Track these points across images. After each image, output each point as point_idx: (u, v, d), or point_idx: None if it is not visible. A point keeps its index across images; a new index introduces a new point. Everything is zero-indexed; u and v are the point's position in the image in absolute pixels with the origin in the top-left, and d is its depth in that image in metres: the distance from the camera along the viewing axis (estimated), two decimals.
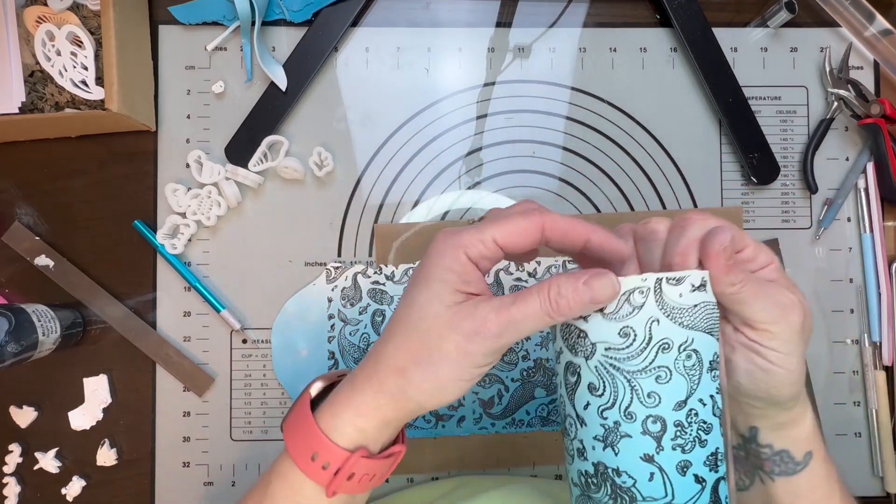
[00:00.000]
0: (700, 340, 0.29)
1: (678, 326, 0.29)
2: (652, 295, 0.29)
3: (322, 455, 0.31)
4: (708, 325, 0.29)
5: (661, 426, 0.29)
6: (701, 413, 0.29)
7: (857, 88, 0.53)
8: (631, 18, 0.54)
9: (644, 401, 0.29)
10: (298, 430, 0.32)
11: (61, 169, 0.53)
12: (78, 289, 0.52)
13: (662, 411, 0.29)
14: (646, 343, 0.29)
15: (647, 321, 0.29)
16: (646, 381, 0.29)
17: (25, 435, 0.52)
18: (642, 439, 0.29)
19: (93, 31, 0.49)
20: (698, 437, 0.29)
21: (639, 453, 0.29)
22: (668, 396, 0.29)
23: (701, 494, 0.29)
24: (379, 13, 0.54)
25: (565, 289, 0.28)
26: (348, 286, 0.52)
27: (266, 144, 0.51)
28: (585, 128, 0.54)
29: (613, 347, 0.29)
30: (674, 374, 0.29)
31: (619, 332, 0.29)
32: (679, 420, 0.29)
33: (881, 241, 0.53)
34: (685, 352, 0.29)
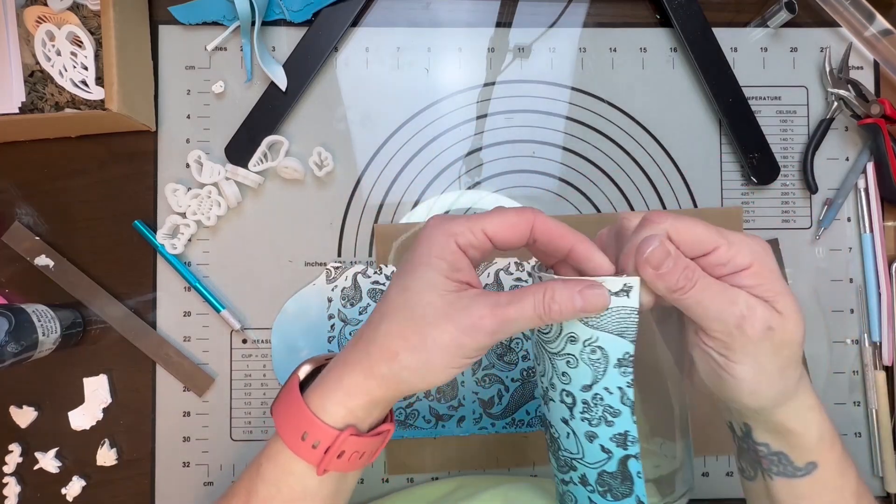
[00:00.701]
0: (606, 339, 0.31)
1: (583, 325, 0.32)
2: None
3: (312, 434, 0.32)
4: (619, 327, 0.31)
5: (572, 400, 0.33)
6: (607, 399, 0.32)
7: (857, 88, 0.53)
8: (631, 18, 0.54)
9: (559, 377, 0.33)
10: (288, 411, 0.33)
11: (61, 169, 0.53)
12: (78, 289, 0.52)
13: (572, 389, 0.33)
14: (557, 333, 0.33)
15: None
16: (560, 362, 0.33)
17: (25, 435, 0.52)
18: (560, 406, 0.34)
19: (93, 31, 0.49)
20: (604, 417, 0.32)
21: (559, 415, 0.34)
22: (576, 379, 0.33)
23: (608, 462, 0.33)
24: (379, 13, 0.54)
25: (560, 295, 0.30)
26: (348, 286, 0.52)
27: (266, 144, 0.51)
28: (585, 128, 0.54)
29: (540, 331, 0.34)
30: (580, 362, 0.32)
31: None
32: (586, 399, 0.33)
33: (881, 241, 0.53)
34: (589, 346, 0.32)
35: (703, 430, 0.52)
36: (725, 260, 0.30)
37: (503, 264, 0.52)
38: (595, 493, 0.34)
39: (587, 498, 0.35)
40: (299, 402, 0.32)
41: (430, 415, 0.52)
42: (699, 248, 0.30)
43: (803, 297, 0.54)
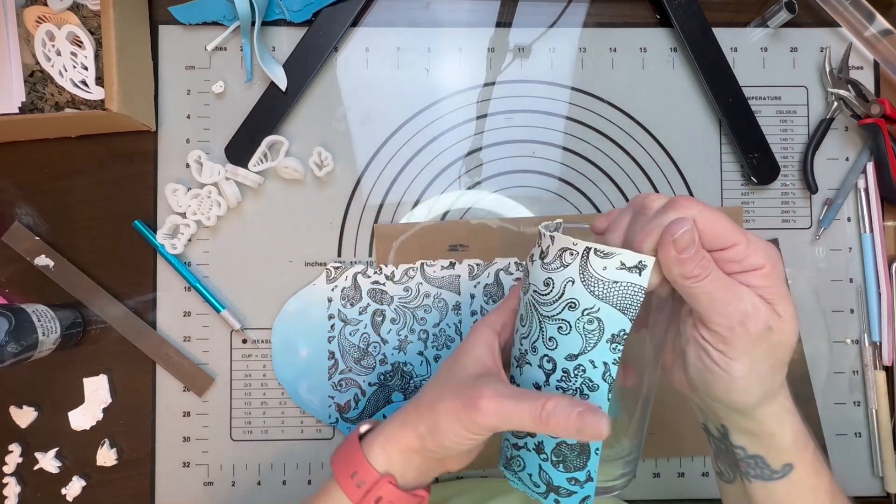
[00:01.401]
0: (607, 312, 0.31)
1: (588, 293, 0.31)
2: (578, 259, 0.32)
3: (360, 474, 0.35)
4: (623, 303, 0.31)
5: (552, 367, 0.33)
6: (589, 371, 0.32)
7: (857, 88, 0.53)
8: (631, 18, 0.54)
9: (545, 342, 0.33)
10: (345, 453, 0.37)
11: (61, 169, 0.53)
12: (78, 289, 0.52)
13: (556, 356, 0.33)
14: (558, 296, 0.32)
15: (565, 279, 0.32)
16: (551, 326, 0.33)
17: (25, 435, 0.52)
18: (537, 371, 0.34)
19: (93, 31, 0.49)
20: (581, 389, 0.33)
21: (532, 380, 0.34)
22: (563, 347, 0.33)
23: None
24: (379, 13, 0.54)
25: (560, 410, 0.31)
26: (348, 286, 0.52)
27: (266, 144, 0.51)
28: (585, 128, 0.54)
29: (538, 291, 0.33)
30: (573, 330, 0.32)
31: (544, 280, 0.33)
32: (567, 368, 0.33)
33: (881, 241, 0.53)
34: (587, 316, 0.32)
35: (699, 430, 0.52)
36: (741, 257, 0.30)
37: (503, 264, 0.52)
38: (547, 462, 0.34)
39: (538, 465, 0.35)
40: (355, 444, 0.37)
41: None
42: (719, 242, 0.31)
43: (803, 297, 0.54)
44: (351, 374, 0.52)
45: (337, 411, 0.52)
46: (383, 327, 0.52)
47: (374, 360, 0.52)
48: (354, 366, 0.52)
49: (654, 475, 0.53)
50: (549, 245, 0.33)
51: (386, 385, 0.52)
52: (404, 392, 0.52)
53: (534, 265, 0.34)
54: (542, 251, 0.34)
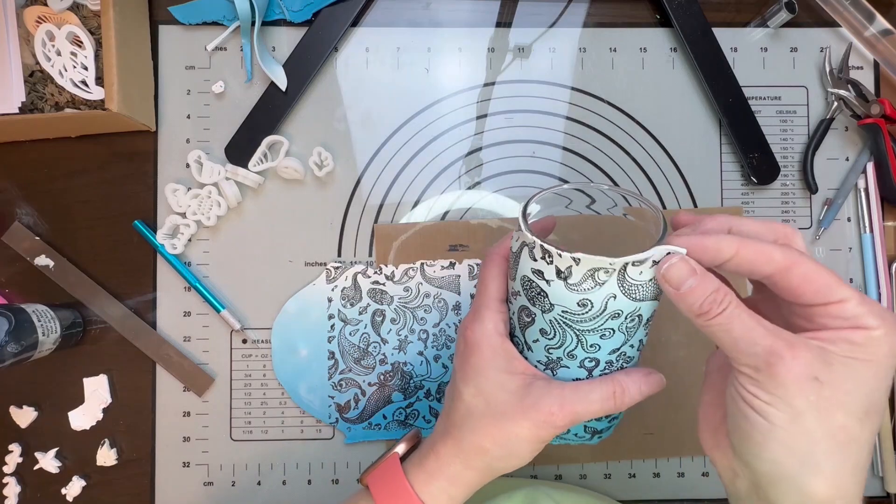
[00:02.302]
0: (646, 307, 0.33)
1: (631, 300, 0.32)
2: (616, 275, 0.31)
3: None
4: (657, 292, 0.32)
5: (594, 363, 0.34)
6: (628, 353, 0.35)
7: (857, 88, 0.53)
8: (631, 18, 0.54)
9: (587, 349, 0.34)
10: (392, 488, 0.36)
11: (61, 169, 0.53)
12: (78, 289, 0.52)
13: (599, 355, 0.34)
14: (600, 312, 0.32)
15: (606, 296, 0.31)
16: (592, 336, 0.33)
17: (25, 435, 0.52)
18: (577, 370, 0.35)
19: (93, 31, 0.49)
20: (621, 366, 0.35)
21: (571, 377, 0.35)
22: (607, 346, 0.34)
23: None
24: (379, 13, 0.54)
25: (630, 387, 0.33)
26: (348, 286, 0.52)
27: (266, 144, 0.51)
28: (585, 128, 0.54)
29: (570, 311, 0.32)
30: (616, 332, 0.33)
31: (578, 301, 0.32)
32: (610, 360, 0.34)
33: (881, 241, 0.53)
34: (631, 318, 0.33)
35: None
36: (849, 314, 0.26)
37: None
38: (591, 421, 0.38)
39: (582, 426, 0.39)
40: (404, 482, 0.36)
41: (430, 415, 0.52)
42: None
43: None
44: (351, 374, 0.52)
45: (337, 411, 0.52)
46: (383, 327, 0.52)
47: (374, 360, 0.52)
48: (354, 366, 0.52)
49: (654, 475, 0.53)
50: (573, 266, 0.31)
51: (386, 385, 0.52)
52: (404, 392, 0.52)
53: (552, 286, 0.32)
54: (561, 271, 0.31)
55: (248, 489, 0.52)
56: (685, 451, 0.53)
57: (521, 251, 0.34)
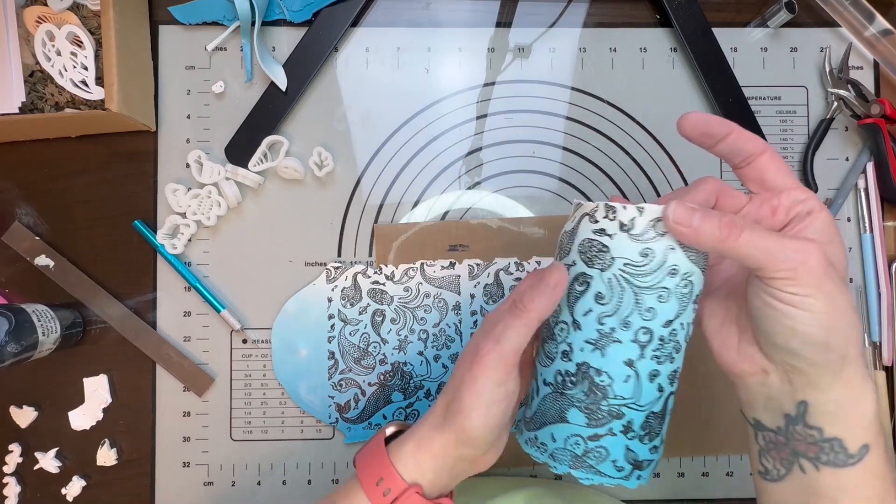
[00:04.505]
0: (697, 275, 0.33)
1: (686, 258, 0.33)
2: None
3: (386, 481, 0.35)
4: (704, 264, 0.34)
5: (649, 337, 0.33)
6: (679, 334, 0.34)
7: (857, 88, 0.53)
8: (631, 18, 0.54)
9: (643, 314, 0.33)
10: (370, 458, 0.37)
11: (61, 169, 0.53)
12: (78, 289, 0.52)
13: (654, 325, 0.33)
14: (660, 265, 0.33)
15: (667, 247, 0.33)
16: (650, 297, 0.33)
17: (25, 435, 0.52)
18: (630, 346, 0.33)
19: (93, 31, 0.49)
20: (671, 354, 0.34)
21: (623, 358, 0.34)
22: (662, 314, 0.33)
23: (657, 401, 0.34)
24: (379, 13, 0.54)
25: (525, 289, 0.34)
26: (348, 286, 0.52)
27: (266, 144, 0.51)
28: (585, 128, 0.54)
29: (632, 263, 0.33)
30: (672, 296, 0.33)
31: (641, 251, 0.33)
32: (663, 335, 0.33)
33: (881, 241, 0.53)
34: (685, 280, 0.33)
35: (703, 430, 0.52)
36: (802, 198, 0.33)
37: (503, 264, 0.52)
38: (635, 440, 0.34)
39: (624, 447, 0.34)
40: (381, 450, 0.37)
41: None
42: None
43: None
44: (351, 374, 0.52)
45: (337, 411, 0.52)
46: (383, 327, 0.52)
47: (374, 360, 0.52)
48: (354, 366, 0.52)
49: (654, 475, 0.53)
50: (637, 217, 0.33)
51: (386, 385, 0.52)
52: (404, 392, 0.52)
53: (614, 239, 0.33)
54: (624, 224, 0.33)
55: (248, 489, 0.52)
56: (685, 451, 0.53)
57: (578, 223, 0.35)
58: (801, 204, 0.33)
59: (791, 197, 0.33)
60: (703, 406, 0.52)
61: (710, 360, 0.51)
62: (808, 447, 0.32)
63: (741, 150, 0.34)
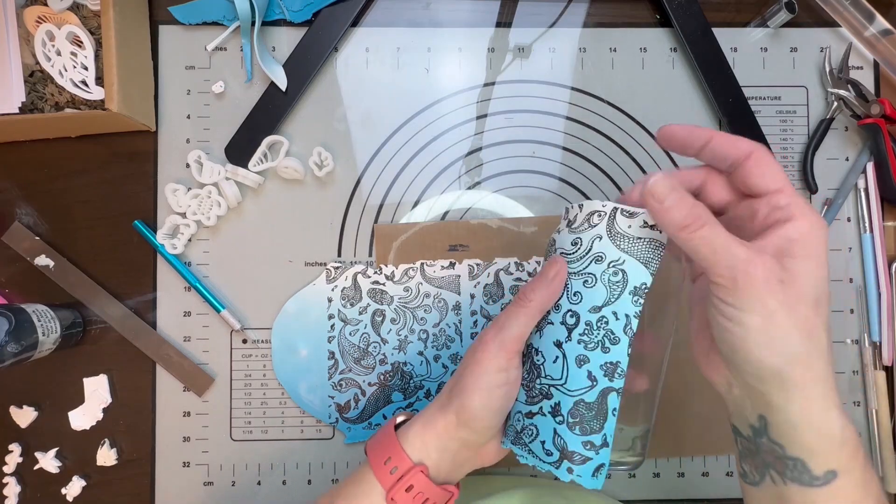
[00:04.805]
0: (631, 265, 0.34)
1: (615, 247, 0.34)
2: (606, 219, 0.34)
3: (393, 460, 0.37)
4: (645, 256, 0.34)
5: (575, 320, 0.35)
6: (611, 324, 0.34)
7: (857, 88, 0.53)
8: (631, 18, 0.54)
9: (570, 297, 0.35)
10: (380, 440, 0.38)
11: (61, 169, 0.53)
12: (78, 289, 0.52)
13: (580, 309, 0.35)
14: (585, 252, 0.35)
15: (593, 236, 0.35)
16: (576, 281, 0.35)
17: (25, 435, 0.52)
18: (558, 328, 0.35)
19: (93, 31, 0.49)
20: (602, 342, 0.34)
21: (553, 338, 0.35)
22: (588, 299, 0.34)
23: (589, 391, 0.34)
24: (379, 13, 0.54)
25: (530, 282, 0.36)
26: (348, 286, 0.52)
27: (266, 144, 0.51)
28: (585, 128, 0.54)
29: (564, 252, 0.36)
30: (598, 282, 0.34)
31: (572, 241, 0.35)
32: (590, 321, 0.34)
33: (881, 241, 0.53)
34: (613, 268, 0.34)
35: (703, 430, 0.52)
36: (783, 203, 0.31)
37: (503, 264, 0.52)
38: (563, 425, 0.34)
39: (552, 429, 0.35)
40: (391, 432, 0.38)
41: None
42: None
43: None
44: (351, 374, 0.52)
45: (337, 411, 0.52)
46: (383, 327, 0.52)
47: (374, 360, 0.52)
48: (354, 366, 0.52)
49: (654, 475, 0.53)
50: (578, 213, 0.36)
51: (386, 385, 0.52)
52: (404, 392, 0.52)
53: (560, 234, 0.36)
54: (570, 220, 0.36)
55: (248, 489, 0.52)
56: (685, 451, 0.53)
57: None
58: (779, 210, 0.30)
59: (770, 202, 0.31)
60: (703, 406, 0.52)
61: None
62: (775, 461, 0.32)
63: (724, 156, 0.33)
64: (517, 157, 0.54)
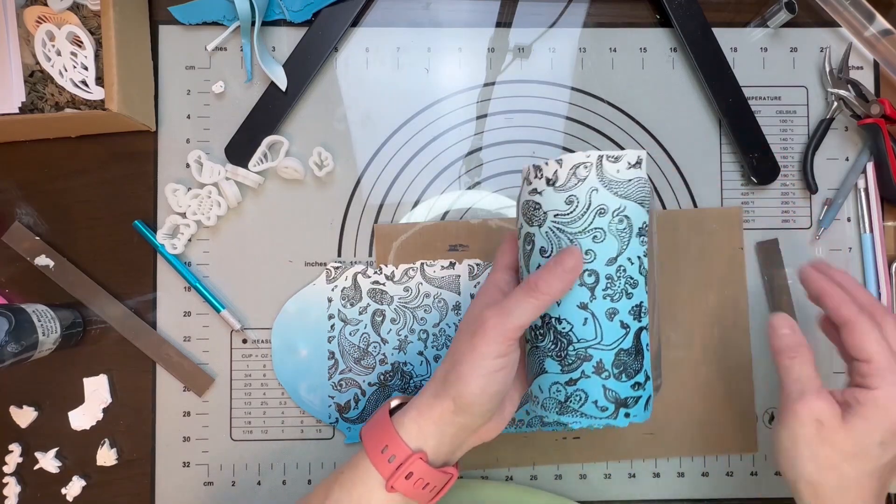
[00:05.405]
0: (632, 208, 0.35)
1: (613, 195, 0.34)
2: (594, 169, 0.34)
3: (390, 448, 0.36)
4: (639, 196, 0.35)
5: (595, 279, 0.35)
6: (629, 270, 0.35)
7: (857, 88, 0.53)
8: (631, 18, 0.54)
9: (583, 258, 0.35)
10: (375, 428, 0.38)
11: (61, 169, 0.53)
12: (78, 289, 0.52)
13: (597, 266, 0.35)
14: (586, 208, 0.34)
15: (588, 190, 0.34)
16: (585, 240, 0.35)
17: (25, 435, 0.52)
18: (579, 290, 0.35)
19: (93, 31, 0.49)
20: (625, 289, 0.35)
21: (576, 302, 0.35)
22: (602, 253, 0.35)
23: (625, 338, 0.35)
24: (379, 13, 0.54)
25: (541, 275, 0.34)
26: (348, 286, 0.52)
27: (266, 144, 0.51)
28: (585, 128, 0.54)
29: (560, 213, 0.35)
30: (608, 234, 0.35)
31: (566, 200, 0.35)
32: (610, 274, 0.35)
33: (881, 241, 0.53)
34: (618, 216, 0.34)
35: (703, 430, 0.52)
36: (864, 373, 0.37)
37: None
38: (610, 378, 0.35)
39: (601, 386, 0.35)
40: (386, 419, 0.37)
41: None
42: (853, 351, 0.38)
43: (803, 298, 0.53)
44: (351, 374, 0.52)
45: (337, 411, 0.52)
46: (383, 327, 0.52)
47: (374, 360, 0.52)
48: (354, 366, 0.52)
49: (654, 475, 0.53)
50: (558, 169, 0.35)
51: (386, 385, 0.52)
52: (404, 392, 0.52)
53: (543, 195, 0.35)
54: (549, 178, 0.35)
55: (248, 489, 0.52)
56: (685, 451, 0.53)
57: (521, 189, 0.37)
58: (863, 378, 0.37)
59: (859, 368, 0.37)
60: (703, 406, 0.52)
61: (712, 360, 0.52)
62: None
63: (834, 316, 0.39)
64: (517, 157, 0.54)
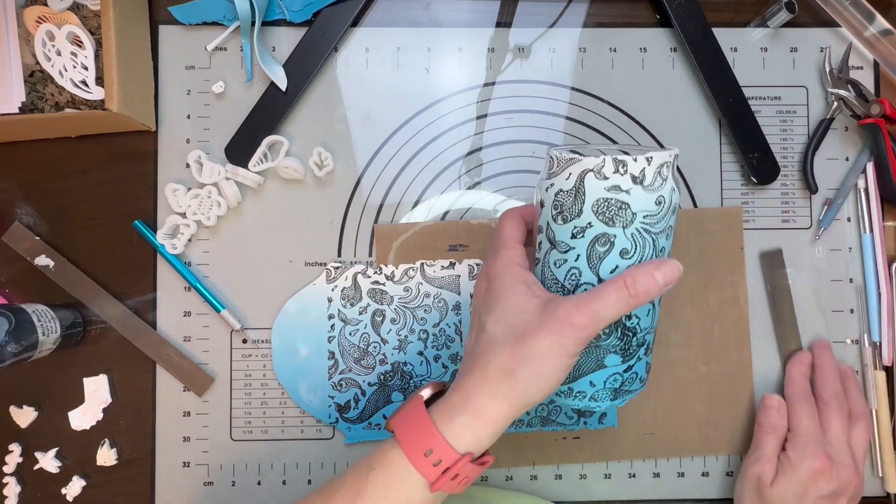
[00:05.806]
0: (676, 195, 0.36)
1: (677, 193, 0.36)
2: (671, 168, 0.35)
3: (436, 452, 0.34)
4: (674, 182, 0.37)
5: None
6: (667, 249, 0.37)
7: (857, 88, 0.53)
8: (631, 18, 0.54)
9: (658, 254, 0.35)
10: (414, 428, 0.35)
11: (61, 169, 0.53)
12: (78, 289, 0.52)
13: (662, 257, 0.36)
14: (668, 207, 0.35)
15: (671, 190, 0.35)
16: (662, 238, 0.35)
17: (25, 435, 0.52)
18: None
19: (93, 31, 0.49)
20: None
21: None
22: (668, 247, 0.36)
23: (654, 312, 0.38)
24: (379, 13, 0.54)
25: (640, 276, 0.33)
26: (348, 286, 0.52)
27: (266, 144, 0.51)
28: (585, 128, 0.54)
29: (650, 214, 0.34)
30: (673, 230, 0.36)
31: (656, 200, 0.34)
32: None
33: (881, 241, 0.53)
34: (675, 212, 0.36)
35: (703, 430, 0.52)
36: None
37: None
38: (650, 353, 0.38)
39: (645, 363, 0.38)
40: (426, 420, 0.35)
41: None
42: None
43: (803, 298, 0.53)
44: (351, 374, 0.52)
45: (337, 411, 0.52)
46: (383, 327, 0.52)
47: (374, 360, 0.52)
48: (354, 366, 0.52)
49: (654, 475, 0.53)
50: (646, 167, 0.34)
51: (386, 385, 0.52)
52: (404, 392, 0.52)
53: (631, 194, 0.34)
54: (636, 176, 0.34)
55: (248, 489, 0.52)
56: (685, 451, 0.53)
57: (581, 182, 0.35)
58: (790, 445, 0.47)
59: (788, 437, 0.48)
60: (703, 406, 0.52)
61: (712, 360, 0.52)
62: None
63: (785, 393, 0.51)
64: (517, 157, 0.54)
